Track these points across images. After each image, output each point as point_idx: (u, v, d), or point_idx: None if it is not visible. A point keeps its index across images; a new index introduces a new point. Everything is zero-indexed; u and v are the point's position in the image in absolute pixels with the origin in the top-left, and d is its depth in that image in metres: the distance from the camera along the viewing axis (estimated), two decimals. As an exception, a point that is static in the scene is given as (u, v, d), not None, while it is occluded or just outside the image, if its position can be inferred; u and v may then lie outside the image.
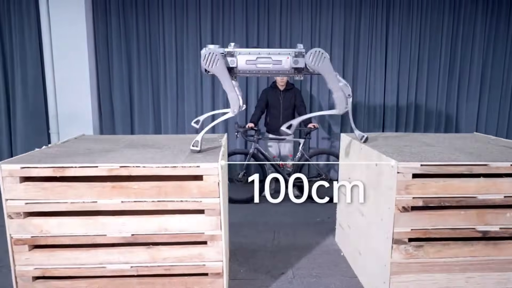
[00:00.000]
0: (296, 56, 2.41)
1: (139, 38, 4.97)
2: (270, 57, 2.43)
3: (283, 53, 2.43)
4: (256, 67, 2.44)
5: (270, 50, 2.45)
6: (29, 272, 2.22)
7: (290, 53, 2.42)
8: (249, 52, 2.43)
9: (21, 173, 2.14)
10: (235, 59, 2.41)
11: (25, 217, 2.18)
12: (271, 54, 2.43)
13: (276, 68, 2.45)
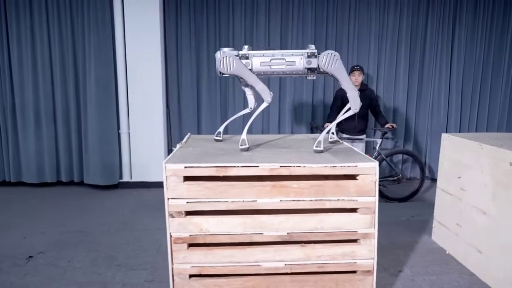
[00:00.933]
0: (309, 57, 2.45)
1: (209, 38, 5.00)
2: (284, 59, 2.47)
3: (296, 54, 2.48)
4: (270, 68, 2.48)
5: (283, 52, 2.49)
6: (186, 270, 2.26)
7: (303, 54, 2.46)
8: (263, 54, 2.47)
9: (185, 172, 2.17)
10: (250, 61, 2.45)
11: (185, 216, 2.22)
12: (285, 55, 2.47)
13: (290, 69, 2.49)
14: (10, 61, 4.83)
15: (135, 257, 3.14)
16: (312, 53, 2.45)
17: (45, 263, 3.04)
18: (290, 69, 2.48)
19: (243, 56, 2.44)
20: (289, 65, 2.48)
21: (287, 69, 2.48)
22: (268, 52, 2.49)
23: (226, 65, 2.40)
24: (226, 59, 2.39)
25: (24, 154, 4.97)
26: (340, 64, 2.47)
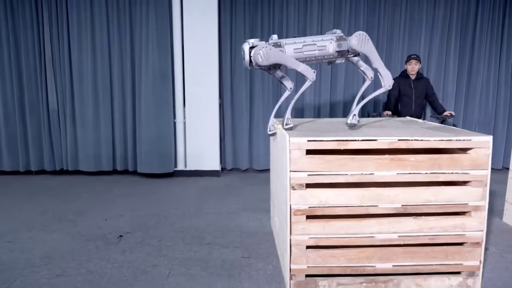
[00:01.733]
0: (338, 40, 2.48)
1: (263, 29, 5.09)
2: (315, 44, 2.49)
3: (325, 38, 2.51)
4: (303, 55, 2.49)
5: (313, 37, 2.51)
6: (304, 241, 2.34)
7: (332, 38, 2.49)
8: (295, 41, 2.49)
9: (307, 146, 2.26)
10: (284, 49, 2.46)
11: (306, 189, 2.30)
12: (315, 40, 2.49)
13: (322, 53, 2.51)
14: (70, 52, 4.92)
15: (222, 237, 3.22)
16: (341, 36, 2.50)
17: (137, 241, 3.13)
18: (322, 53, 2.51)
19: (275, 45, 2.44)
20: (321, 50, 2.49)
21: (319, 54, 2.51)
22: (299, 39, 2.51)
23: (264, 56, 2.37)
24: (264, 50, 2.36)
25: (81, 143, 5.07)
26: (371, 43, 2.52)
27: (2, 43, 4.87)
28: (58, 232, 3.31)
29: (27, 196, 4.29)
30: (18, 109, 4.99)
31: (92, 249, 2.98)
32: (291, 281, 2.37)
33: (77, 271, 2.65)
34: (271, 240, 3.15)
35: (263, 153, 5.32)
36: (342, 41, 2.49)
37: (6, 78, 4.94)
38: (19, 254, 2.88)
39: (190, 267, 2.72)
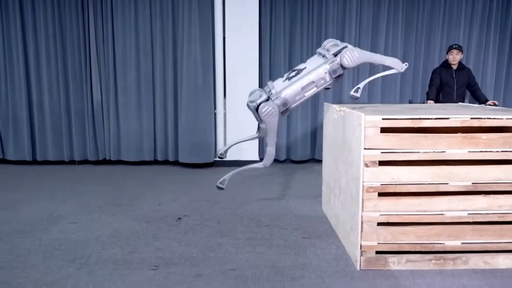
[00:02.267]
0: (331, 67, 2.61)
1: (302, 21, 5.15)
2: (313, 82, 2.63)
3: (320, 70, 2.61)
4: (305, 96, 2.66)
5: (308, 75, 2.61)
6: (375, 218, 2.40)
7: (325, 67, 2.60)
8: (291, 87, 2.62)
9: (382, 123, 2.31)
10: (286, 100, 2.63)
11: (378, 166, 2.36)
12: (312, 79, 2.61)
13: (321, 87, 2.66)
14: (114, 45, 5.04)
15: (278, 220, 3.29)
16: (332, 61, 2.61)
17: (196, 223, 3.21)
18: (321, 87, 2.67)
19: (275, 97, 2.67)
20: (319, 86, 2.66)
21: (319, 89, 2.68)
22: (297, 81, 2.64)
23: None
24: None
25: (124, 134, 5.18)
26: (361, 51, 2.59)
27: (49, 37, 5.01)
28: (118, 215, 3.41)
29: (76, 183, 4.41)
30: (63, 101, 5.12)
31: (155, 230, 3.07)
32: (361, 257, 2.43)
33: (147, 248, 2.74)
34: (327, 223, 3.21)
35: (301, 144, 5.38)
36: (335, 66, 2.61)
37: (53, 71, 5.08)
38: (87, 234, 2.99)
39: (255, 246, 2.79)
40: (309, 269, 2.45)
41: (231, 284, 2.27)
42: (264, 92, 2.79)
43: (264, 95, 2.70)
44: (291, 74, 2.76)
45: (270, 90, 2.75)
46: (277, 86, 2.72)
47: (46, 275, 2.36)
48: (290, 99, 2.59)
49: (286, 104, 2.58)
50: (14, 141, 5.20)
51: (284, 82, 2.68)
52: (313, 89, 2.59)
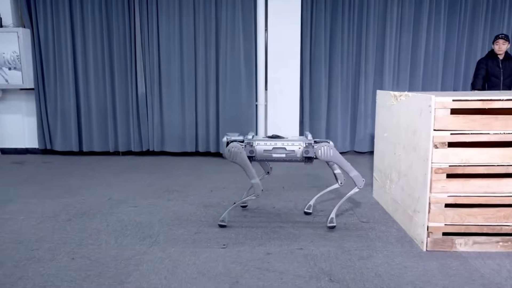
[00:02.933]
0: (306, 147, 2.75)
1: (343, 17, 5.17)
2: (284, 147, 2.77)
3: (296, 143, 2.77)
4: (272, 157, 2.79)
5: (283, 141, 2.80)
6: (443, 199, 2.42)
7: (301, 144, 2.76)
8: (265, 143, 2.81)
9: (452, 105, 2.33)
10: (255, 149, 2.79)
11: (448, 147, 2.38)
12: (285, 145, 2.77)
13: (290, 157, 2.78)
14: (159, 38, 5.16)
15: (333, 206, 3.33)
16: (309, 143, 2.77)
17: (252, 208, 3.29)
18: (290, 157, 2.80)
19: (248, 144, 2.80)
20: (288, 153, 2.78)
21: (287, 157, 2.80)
22: (271, 141, 2.82)
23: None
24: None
25: (167, 125, 5.31)
26: (335, 151, 2.78)
27: (96, 32, 5.17)
28: (174, 200, 3.51)
29: (125, 172, 4.55)
30: (109, 94, 5.28)
31: (214, 213, 3.16)
32: (428, 238, 2.45)
33: (211, 229, 2.83)
34: (381, 209, 3.24)
35: (341, 135, 5.41)
36: (310, 149, 2.77)
37: (99, 65, 5.23)
38: (149, 216, 3.10)
39: (316, 229, 2.84)
40: (376, 249, 2.49)
41: (302, 261, 2.33)
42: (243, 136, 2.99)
43: (241, 137, 2.92)
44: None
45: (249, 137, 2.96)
46: (255, 137, 2.97)
47: (122, 251, 2.46)
48: (258, 152, 2.81)
49: (253, 152, 2.81)
50: (62, 132, 5.38)
51: (264, 138, 2.92)
52: (282, 155, 2.81)
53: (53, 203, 3.41)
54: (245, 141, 2.84)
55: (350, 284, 2.08)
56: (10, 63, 5.14)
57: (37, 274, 2.18)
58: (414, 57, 5.27)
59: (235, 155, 2.74)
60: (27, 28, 5.19)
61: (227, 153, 2.74)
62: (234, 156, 2.75)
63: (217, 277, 2.15)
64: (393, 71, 5.28)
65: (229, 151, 2.73)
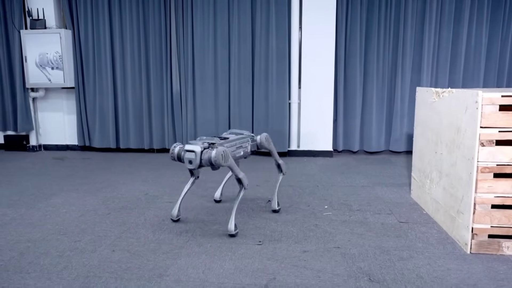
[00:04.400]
0: (252, 142, 3.01)
1: (380, 14, 5.06)
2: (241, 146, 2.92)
3: (245, 142, 2.96)
4: (236, 156, 2.87)
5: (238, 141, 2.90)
6: (489, 200, 2.31)
7: (249, 141, 2.99)
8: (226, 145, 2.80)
9: (501, 101, 2.23)
10: None
11: (495, 145, 2.27)
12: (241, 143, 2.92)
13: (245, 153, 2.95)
14: (193, 37, 5.23)
15: (368, 205, 3.27)
16: (252, 138, 3.03)
17: (287, 206, 3.26)
18: (245, 153, 2.95)
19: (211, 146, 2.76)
20: (245, 151, 2.95)
21: (243, 154, 2.94)
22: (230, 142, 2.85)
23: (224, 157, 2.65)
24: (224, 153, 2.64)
25: (200, 123, 5.37)
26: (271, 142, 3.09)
27: (133, 33, 5.30)
28: (207, 196, 3.54)
29: (160, 168, 4.63)
30: (145, 93, 5.40)
31: (249, 210, 3.16)
32: (472, 240, 2.35)
33: (246, 226, 2.83)
34: (420, 210, 3.14)
35: (375, 134, 5.29)
36: (254, 143, 3.04)
37: (136, 65, 5.36)
38: (184, 212, 3.13)
39: (352, 228, 2.79)
40: (416, 250, 2.41)
41: (340, 260, 2.29)
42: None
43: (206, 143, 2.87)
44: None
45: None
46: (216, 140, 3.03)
47: (159, 245, 2.51)
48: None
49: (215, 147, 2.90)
50: (100, 130, 5.55)
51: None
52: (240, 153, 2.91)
53: (93, 197, 3.52)
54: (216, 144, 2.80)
55: (390, 285, 2.02)
56: (53, 63, 5.35)
57: (80, 265, 2.25)
58: (454, 53, 5.08)
59: (227, 157, 2.66)
60: (69, 29, 5.39)
61: (220, 159, 2.58)
62: (227, 159, 2.66)
63: (254, 273, 2.15)
64: (431, 68, 5.11)
65: (222, 156, 2.61)
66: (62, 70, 5.35)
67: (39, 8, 5.37)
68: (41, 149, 5.79)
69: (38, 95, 5.58)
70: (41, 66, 5.36)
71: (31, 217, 3.03)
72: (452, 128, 2.60)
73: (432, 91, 2.96)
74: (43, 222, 2.92)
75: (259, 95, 5.21)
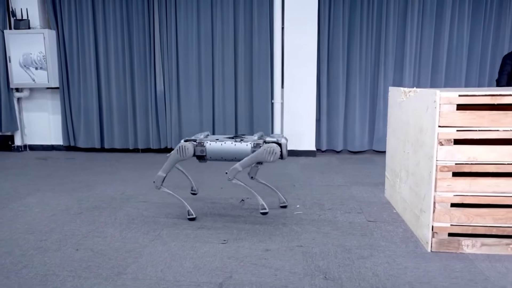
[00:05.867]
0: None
1: (362, 12, 5.07)
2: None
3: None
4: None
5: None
6: (449, 198, 2.32)
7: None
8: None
9: (459, 100, 2.24)
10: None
11: (454, 144, 2.28)
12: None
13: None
14: (177, 37, 5.24)
15: (341, 204, 3.28)
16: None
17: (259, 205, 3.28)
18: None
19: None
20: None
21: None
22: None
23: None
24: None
25: (185, 123, 5.38)
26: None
27: (117, 34, 5.31)
28: (182, 196, 3.55)
29: (142, 168, 4.65)
30: (129, 93, 5.41)
31: (221, 210, 3.18)
32: (433, 239, 2.37)
33: (214, 225, 2.84)
34: (391, 209, 3.15)
35: (359, 134, 5.30)
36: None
37: (120, 65, 5.38)
38: (156, 210, 3.15)
39: (320, 227, 2.80)
40: (378, 249, 2.43)
41: (299, 259, 2.30)
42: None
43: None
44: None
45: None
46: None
47: (124, 244, 2.52)
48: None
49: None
50: (84, 130, 5.56)
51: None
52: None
53: (69, 197, 3.54)
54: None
55: (344, 283, 2.03)
56: (37, 63, 5.37)
57: (41, 263, 2.27)
58: (436, 52, 5.08)
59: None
60: (53, 29, 5.41)
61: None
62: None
63: (212, 271, 2.16)
64: (414, 67, 5.12)
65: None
66: (46, 70, 5.37)
67: (23, 8, 5.38)
68: (26, 149, 5.81)
69: (23, 95, 5.60)
70: (25, 66, 5.38)
71: (2, 216, 3.05)
72: (416, 127, 2.62)
73: (400, 91, 2.98)
74: (13, 221, 2.94)
75: (243, 95, 5.24)
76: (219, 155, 2.91)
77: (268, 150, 2.75)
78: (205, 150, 2.90)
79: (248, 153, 2.85)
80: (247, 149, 2.85)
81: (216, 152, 2.90)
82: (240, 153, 2.88)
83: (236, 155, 2.89)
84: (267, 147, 2.76)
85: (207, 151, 2.90)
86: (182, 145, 2.88)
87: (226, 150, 2.89)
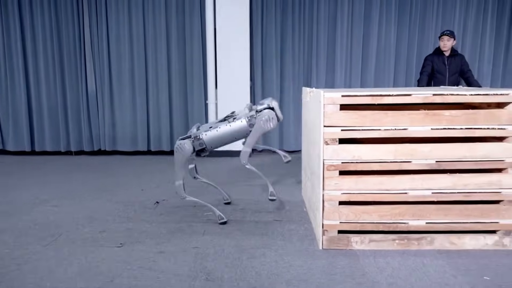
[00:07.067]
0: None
1: (294, 11, 5.13)
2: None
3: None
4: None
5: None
6: (337, 196, 2.38)
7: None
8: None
9: (342, 100, 2.29)
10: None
11: (339, 144, 2.34)
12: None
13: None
14: (108, 37, 5.13)
15: (255, 204, 3.31)
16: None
17: (173, 207, 3.26)
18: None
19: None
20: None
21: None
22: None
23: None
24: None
25: (119, 124, 5.28)
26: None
27: (46, 33, 5.13)
28: (99, 199, 3.48)
29: (69, 172, 4.51)
30: (60, 94, 5.25)
31: (131, 212, 3.13)
32: (323, 236, 2.42)
33: (118, 228, 2.79)
34: (302, 207, 3.20)
35: (294, 134, 5.36)
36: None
37: (49, 65, 5.20)
38: (64, 215, 3.07)
39: (224, 227, 2.81)
40: (272, 248, 2.45)
41: (189, 261, 2.29)
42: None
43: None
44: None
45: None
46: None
47: (13, 251, 2.43)
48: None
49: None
50: (13, 132, 5.35)
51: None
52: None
53: (-24, 202, 3.39)
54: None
55: (224, 283, 2.04)
56: (-41, 63, 5.11)
57: None
58: (366, 53, 5.21)
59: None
60: (-23, 28, 5.18)
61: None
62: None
63: (94, 276, 2.12)
64: (344, 69, 5.24)
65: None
66: (-31, 70, 5.12)
67: None
68: (-49, 153, 5.53)
69: None
70: None
71: None
72: (314, 127, 2.66)
73: (306, 91, 3.03)
74: None
75: (177, 96, 5.21)
76: (219, 141, 2.83)
77: (266, 118, 2.72)
78: (203, 142, 2.80)
79: (245, 128, 2.78)
80: (244, 125, 2.78)
81: (215, 139, 2.81)
82: (238, 132, 2.81)
83: (235, 134, 2.82)
84: (263, 116, 2.72)
85: (205, 142, 2.81)
86: (178, 144, 2.78)
87: (224, 133, 2.80)
